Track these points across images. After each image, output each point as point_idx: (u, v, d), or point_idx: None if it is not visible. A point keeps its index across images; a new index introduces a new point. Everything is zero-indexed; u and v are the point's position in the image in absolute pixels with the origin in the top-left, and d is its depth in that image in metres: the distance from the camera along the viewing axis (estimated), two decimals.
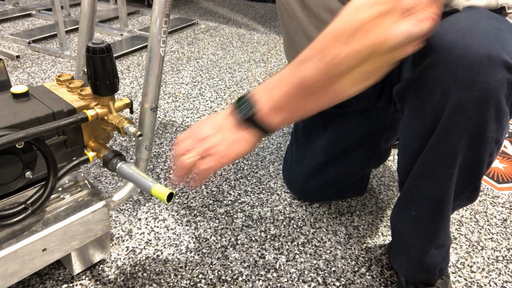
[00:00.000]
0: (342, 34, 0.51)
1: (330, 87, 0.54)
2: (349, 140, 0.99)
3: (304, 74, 0.54)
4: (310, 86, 0.55)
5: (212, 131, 0.61)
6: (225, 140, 0.60)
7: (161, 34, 0.72)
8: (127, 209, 1.05)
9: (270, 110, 0.58)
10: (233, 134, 0.60)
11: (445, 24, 0.59)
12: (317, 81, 0.54)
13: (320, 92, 0.56)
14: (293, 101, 0.57)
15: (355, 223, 1.05)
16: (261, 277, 0.88)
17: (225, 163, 0.61)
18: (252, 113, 0.58)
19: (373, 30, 0.49)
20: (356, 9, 0.50)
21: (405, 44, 0.50)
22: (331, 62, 0.52)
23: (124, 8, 2.31)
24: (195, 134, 0.62)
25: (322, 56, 0.53)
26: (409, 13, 0.48)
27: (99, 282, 0.84)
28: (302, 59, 0.55)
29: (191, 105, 1.59)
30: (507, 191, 1.19)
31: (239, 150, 0.61)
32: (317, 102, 0.58)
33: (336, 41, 0.51)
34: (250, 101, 0.59)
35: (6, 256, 0.67)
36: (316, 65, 0.53)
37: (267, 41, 2.35)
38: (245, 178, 1.19)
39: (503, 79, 0.55)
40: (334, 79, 0.53)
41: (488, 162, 0.63)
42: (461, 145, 0.60)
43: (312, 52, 0.54)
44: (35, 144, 0.65)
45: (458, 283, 0.89)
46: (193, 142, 0.62)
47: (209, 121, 0.63)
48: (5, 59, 1.94)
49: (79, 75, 0.90)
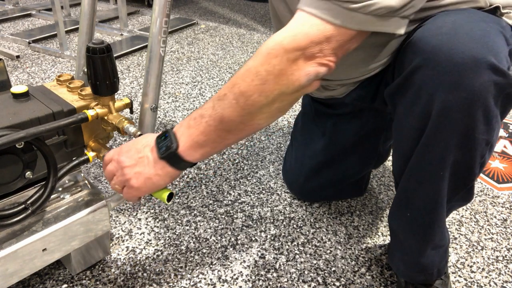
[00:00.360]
0: (257, 75, 0.56)
1: (246, 124, 0.60)
2: (347, 141, 0.99)
3: (222, 113, 0.58)
4: (228, 124, 0.59)
5: (132, 162, 0.64)
6: (141, 174, 0.64)
7: (161, 34, 0.72)
8: (127, 209, 1.05)
9: (190, 147, 0.61)
10: (151, 169, 0.64)
11: (431, 27, 0.60)
12: (234, 120, 0.59)
13: (237, 129, 0.60)
14: (212, 138, 0.61)
15: (355, 223, 1.05)
16: (261, 277, 0.88)
17: (140, 195, 0.66)
18: (173, 150, 0.61)
19: (284, 74, 0.55)
20: (269, 54, 0.56)
21: (309, 84, 0.57)
22: (246, 102, 0.57)
23: (124, 8, 2.31)
24: (118, 160, 0.66)
25: (238, 95, 0.57)
26: (312, 60, 0.55)
27: (99, 282, 0.84)
28: (222, 95, 0.59)
29: (191, 105, 1.59)
30: (507, 191, 1.19)
31: (156, 184, 0.65)
32: (235, 137, 0.62)
33: (251, 82, 0.56)
34: (171, 138, 0.62)
35: (6, 256, 0.67)
36: (233, 105, 0.57)
37: None
38: (245, 178, 1.19)
39: (489, 81, 0.55)
40: (250, 117, 0.59)
41: (480, 163, 0.63)
42: (451, 146, 0.60)
43: (229, 90, 0.58)
44: (35, 144, 0.65)
45: (458, 283, 0.89)
46: (115, 168, 0.66)
47: (133, 149, 0.66)
48: (5, 59, 1.94)
49: (79, 75, 0.90)
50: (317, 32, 0.54)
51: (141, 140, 0.67)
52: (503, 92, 0.57)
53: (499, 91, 0.56)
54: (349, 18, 0.53)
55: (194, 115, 0.62)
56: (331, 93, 0.90)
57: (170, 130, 0.63)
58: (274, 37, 0.56)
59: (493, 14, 0.68)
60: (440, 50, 0.57)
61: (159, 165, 0.63)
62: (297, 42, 0.54)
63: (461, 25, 0.58)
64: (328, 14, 0.53)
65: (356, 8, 0.52)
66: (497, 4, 0.69)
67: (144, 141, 0.66)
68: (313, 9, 0.54)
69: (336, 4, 0.53)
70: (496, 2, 0.69)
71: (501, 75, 0.55)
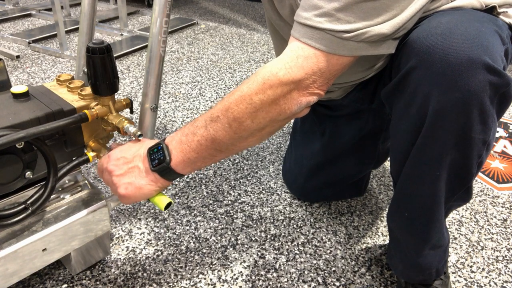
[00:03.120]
0: (251, 103, 0.59)
1: (236, 146, 0.63)
2: (346, 142, 0.99)
3: (215, 134, 0.61)
4: (219, 145, 0.62)
5: (120, 171, 0.67)
6: (131, 184, 0.66)
7: (161, 34, 0.72)
8: (127, 209, 1.05)
9: (181, 161, 0.64)
10: (142, 179, 0.66)
11: (426, 28, 0.60)
12: (225, 142, 0.62)
13: (227, 149, 0.63)
14: (203, 155, 0.63)
15: (355, 223, 1.05)
16: (261, 277, 0.88)
17: (130, 203, 0.69)
18: (166, 164, 0.64)
19: (277, 103, 0.59)
20: (264, 84, 0.58)
21: (300, 111, 0.61)
22: (239, 127, 0.60)
23: (124, 8, 2.31)
24: (107, 168, 0.68)
25: (231, 120, 0.60)
26: (305, 90, 0.59)
27: (99, 282, 0.84)
28: (215, 117, 0.61)
29: (191, 105, 1.59)
30: (507, 191, 1.19)
31: (147, 193, 0.67)
32: (224, 155, 0.65)
33: (245, 109, 0.59)
34: (164, 151, 0.64)
35: (6, 256, 0.67)
36: (226, 129, 0.60)
37: (267, 41, 2.35)
38: (245, 178, 1.19)
39: (484, 81, 0.55)
40: (241, 140, 0.62)
41: (477, 163, 0.63)
42: (447, 146, 0.60)
43: (222, 114, 0.60)
44: (35, 144, 0.65)
45: (458, 283, 0.89)
46: (106, 176, 0.69)
47: (121, 159, 0.68)
48: (5, 59, 1.94)
49: (79, 75, 0.90)
50: (311, 65, 0.57)
51: (130, 149, 0.69)
52: (499, 91, 0.57)
53: (495, 90, 0.56)
54: (341, 46, 0.56)
55: (186, 131, 0.64)
56: (329, 95, 0.90)
57: (163, 142, 0.66)
58: (269, 68, 0.59)
59: (489, 13, 0.68)
60: (435, 50, 0.57)
61: (151, 177, 0.66)
62: (292, 75, 0.57)
63: (456, 26, 0.58)
64: (322, 43, 0.56)
65: (349, 37, 0.55)
66: (493, 3, 0.69)
67: (134, 150, 0.68)
68: (307, 39, 0.57)
69: (329, 34, 0.55)
70: (492, 2, 0.69)
71: (496, 74, 0.55)
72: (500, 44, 0.61)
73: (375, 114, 0.94)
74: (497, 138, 1.48)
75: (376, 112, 0.94)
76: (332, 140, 1.00)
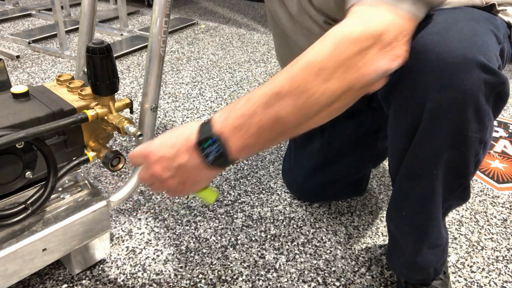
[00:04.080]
0: (323, 71, 0.50)
1: (302, 125, 0.54)
2: (345, 141, 0.99)
3: (279, 113, 0.52)
4: (283, 126, 0.53)
5: (170, 173, 0.57)
6: (186, 183, 0.58)
7: (161, 34, 0.72)
8: (127, 209, 1.05)
9: (239, 150, 0.55)
10: (196, 176, 0.58)
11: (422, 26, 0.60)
12: (291, 122, 0.53)
13: (292, 130, 0.54)
14: (263, 139, 0.54)
15: (355, 223, 1.05)
16: (261, 277, 0.88)
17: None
18: (224, 157, 0.55)
19: (354, 67, 0.49)
20: (338, 43, 0.50)
21: (379, 79, 0.52)
22: (307, 101, 0.51)
23: (124, 8, 2.31)
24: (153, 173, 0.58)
25: (299, 93, 0.51)
26: (388, 49, 0.50)
27: (99, 282, 0.84)
28: (277, 92, 0.51)
29: (191, 105, 1.59)
30: (507, 191, 1.19)
31: (203, 185, 0.61)
32: (285, 137, 0.56)
33: (315, 78, 0.50)
34: (219, 142, 0.54)
35: (6, 256, 0.67)
36: (292, 104, 0.51)
37: (267, 41, 2.35)
38: (245, 178, 1.19)
39: (479, 79, 0.55)
40: (308, 117, 0.53)
41: (474, 162, 0.64)
42: (444, 145, 0.61)
43: (288, 86, 0.51)
44: (35, 144, 0.65)
45: (458, 283, 0.89)
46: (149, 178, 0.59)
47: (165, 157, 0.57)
48: (5, 59, 1.94)
49: (79, 75, 0.90)
50: (391, 19, 0.50)
51: (169, 142, 0.58)
52: (494, 90, 0.57)
53: (490, 89, 0.57)
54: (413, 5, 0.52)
55: (240, 111, 0.53)
56: None
57: (215, 133, 0.55)
58: (338, 29, 0.51)
59: (488, 11, 0.68)
60: (431, 49, 0.57)
61: (206, 172, 0.58)
62: (372, 29, 0.49)
63: (452, 25, 0.59)
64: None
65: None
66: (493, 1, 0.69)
67: (178, 144, 0.57)
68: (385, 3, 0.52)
69: None
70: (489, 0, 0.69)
71: (492, 73, 0.56)
72: (496, 43, 0.61)
73: (374, 112, 0.94)
74: (497, 138, 1.48)
75: (375, 111, 0.94)
76: (332, 139, 1.00)
